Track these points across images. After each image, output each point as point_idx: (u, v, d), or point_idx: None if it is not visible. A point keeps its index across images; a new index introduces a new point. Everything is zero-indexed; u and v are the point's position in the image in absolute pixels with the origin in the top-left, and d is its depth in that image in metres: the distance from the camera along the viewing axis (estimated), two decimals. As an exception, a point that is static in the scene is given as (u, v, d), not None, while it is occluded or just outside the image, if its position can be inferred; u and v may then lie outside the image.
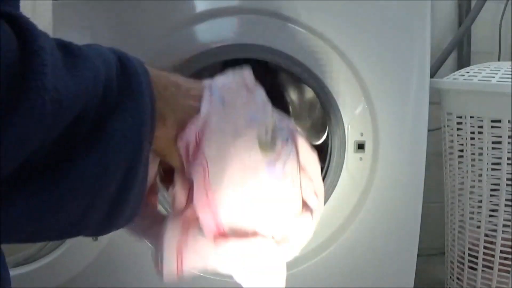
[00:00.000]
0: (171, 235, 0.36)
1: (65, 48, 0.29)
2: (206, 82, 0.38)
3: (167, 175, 0.41)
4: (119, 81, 0.31)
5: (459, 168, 1.07)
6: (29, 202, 0.27)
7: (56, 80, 0.26)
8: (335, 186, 0.91)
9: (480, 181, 1.03)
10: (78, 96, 0.27)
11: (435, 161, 1.22)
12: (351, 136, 0.90)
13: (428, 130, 0.95)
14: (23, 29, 0.26)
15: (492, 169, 1.01)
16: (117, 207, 0.31)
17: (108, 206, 0.31)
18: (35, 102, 0.25)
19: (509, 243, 1.02)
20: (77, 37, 0.67)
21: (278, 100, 1.12)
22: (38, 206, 0.27)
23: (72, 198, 0.28)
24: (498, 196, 1.01)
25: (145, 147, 0.31)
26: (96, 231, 0.32)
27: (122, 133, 0.30)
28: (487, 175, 1.01)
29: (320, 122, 1.12)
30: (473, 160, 1.03)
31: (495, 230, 1.02)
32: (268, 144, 0.36)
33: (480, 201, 1.04)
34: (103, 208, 0.30)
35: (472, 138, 1.02)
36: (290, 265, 0.38)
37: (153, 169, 0.39)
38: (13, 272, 0.83)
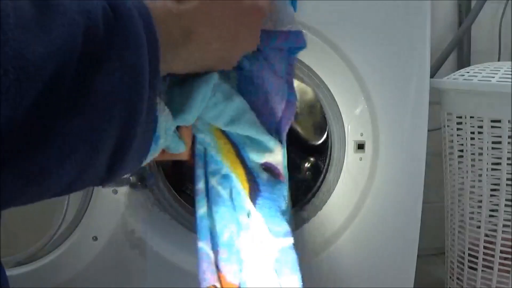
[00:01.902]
0: None
1: (40, 3, 0.25)
2: None
3: None
4: (107, 30, 0.27)
5: (459, 168, 1.07)
6: (20, 170, 0.25)
7: (21, 45, 0.23)
8: (335, 186, 0.91)
9: (480, 181, 1.03)
10: (49, 58, 0.24)
11: (435, 161, 1.22)
12: (351, 136, 0.90)
13: (428, 130, 0.95)
14: None
15: (492, 169, 1.01)
16: (116, 162, 0.30)
17: (107, 161, 0.29)
18: None
19: (509, 243, 1.02)
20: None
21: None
22: (30, 172, 0.25)
23: (62, 161, 0.26)
24: (498, 196, 1.01)
25: (144, 96, 0.29)
26: (99, 182, 0.31)
27: (111, 88, 0.27)
28: (487, 175, 1.01)
29: (320, 122, 1.12)
30: (473, 160, 1.03)
31: (495, 230, 1.02)
32: None
33: (480, 201, 1.04)
34: (101, 164, 0.29)
35: (472, 138, 1.02)
36: (290, 265, 0.38)
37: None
38: (13, 272, 0.83)
